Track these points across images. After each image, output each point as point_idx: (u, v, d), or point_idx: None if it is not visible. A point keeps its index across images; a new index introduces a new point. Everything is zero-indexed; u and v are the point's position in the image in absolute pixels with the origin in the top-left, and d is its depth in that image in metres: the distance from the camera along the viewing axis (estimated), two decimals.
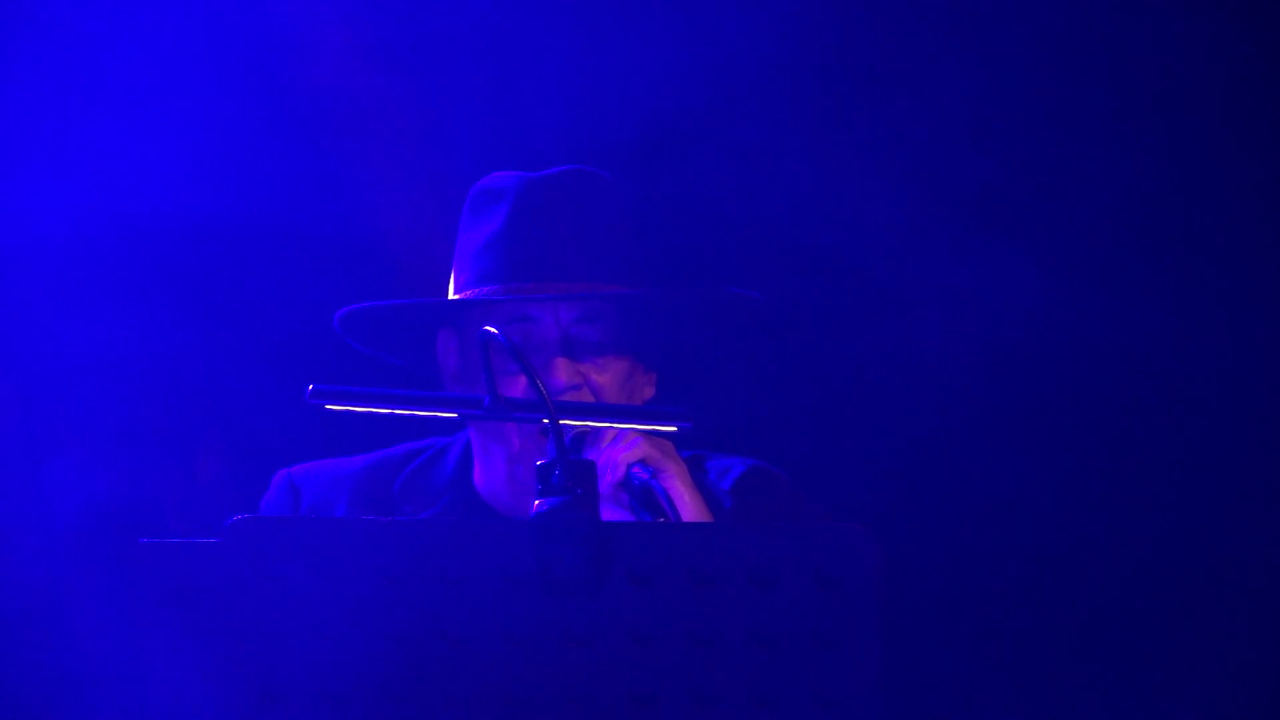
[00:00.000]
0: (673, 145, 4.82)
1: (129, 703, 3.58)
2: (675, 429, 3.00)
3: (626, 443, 3.22)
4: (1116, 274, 4.96)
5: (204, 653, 2.55)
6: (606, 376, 3.34)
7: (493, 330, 2.77)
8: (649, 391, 3.46)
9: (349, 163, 5.01)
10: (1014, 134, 4.93)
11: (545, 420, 2.71)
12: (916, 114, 4.90)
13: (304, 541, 2.51)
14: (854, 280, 4.88)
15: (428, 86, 4.96)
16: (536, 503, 2.61)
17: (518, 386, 3.20)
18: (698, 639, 2.50)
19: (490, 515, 3.46)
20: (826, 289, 4.78)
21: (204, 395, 4.84)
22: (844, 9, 4.93)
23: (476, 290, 3.32)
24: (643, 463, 3.20)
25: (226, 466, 4.77)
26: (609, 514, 3.11)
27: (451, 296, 3.39)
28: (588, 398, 3.37)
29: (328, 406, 2.91)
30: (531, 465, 3.05)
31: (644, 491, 3.18)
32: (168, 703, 2.56)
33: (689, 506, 3.20)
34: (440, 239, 4.18)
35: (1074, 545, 4.99)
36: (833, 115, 4.90)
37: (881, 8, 4.93)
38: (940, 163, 4.89)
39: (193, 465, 4.80)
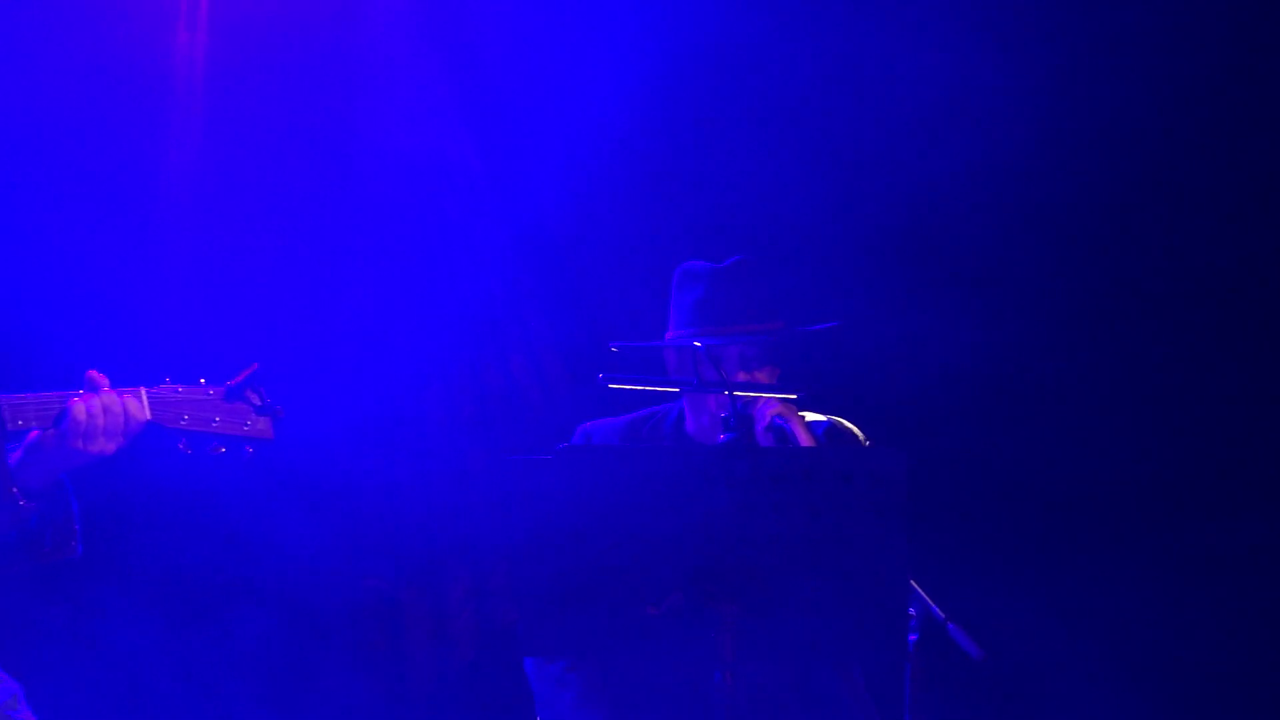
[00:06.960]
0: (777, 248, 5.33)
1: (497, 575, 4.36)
2: (795, 397, 3.92)
3: (770, 404, 3.92)
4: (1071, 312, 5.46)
5: (542, 531, 3.14)
6: (763, 373, 4.15)
7: (699, 344, 3.82)
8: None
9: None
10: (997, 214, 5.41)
11: (727, 392, 3.71)
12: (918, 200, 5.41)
13: (605, 459, 3.29)
14: (882, 323, 5.44)
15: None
16: (721, 437, 3.63)
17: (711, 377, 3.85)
18: (808, 509, 3.25)
19: (698, 446, 4.16)
20: (869, 324, 5.33)
21: (537, 378, 5.65)
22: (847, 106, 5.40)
23: (686, 332, 4.13)
24: (779, 415, 3.90)
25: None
26: (762, 443, 3.89)
27: (669, 334, 4.16)
28: None
29: (611, 385, 3.78)
30: (718, 418, 4.08)
31: (779, 431, 3.89)
32: (523, 570, 3.08)
33: (804, 440, 3.87)
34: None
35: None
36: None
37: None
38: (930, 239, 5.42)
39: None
